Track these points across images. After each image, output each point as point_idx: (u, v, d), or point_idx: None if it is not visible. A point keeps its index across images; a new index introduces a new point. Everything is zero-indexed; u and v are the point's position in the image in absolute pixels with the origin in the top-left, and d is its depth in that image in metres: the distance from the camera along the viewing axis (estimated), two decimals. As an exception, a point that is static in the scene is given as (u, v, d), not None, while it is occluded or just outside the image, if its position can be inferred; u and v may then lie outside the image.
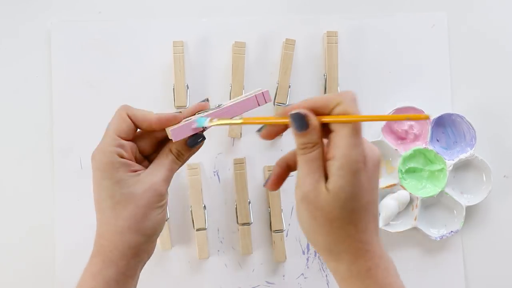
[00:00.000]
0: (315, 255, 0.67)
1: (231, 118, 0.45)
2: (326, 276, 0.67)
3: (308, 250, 0.67)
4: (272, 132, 0.45)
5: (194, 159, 0.66)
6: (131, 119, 0.46)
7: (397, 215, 0.67)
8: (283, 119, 0.42)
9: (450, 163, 0.66)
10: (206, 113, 0.45)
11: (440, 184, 0.66)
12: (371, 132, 0.68)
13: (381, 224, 0.66)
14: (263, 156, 0.67)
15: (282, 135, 0.44)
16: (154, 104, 0.67)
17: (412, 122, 0.67)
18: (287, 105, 0.38)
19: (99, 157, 0.45)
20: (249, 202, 0.66)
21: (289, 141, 0.68)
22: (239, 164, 0.65)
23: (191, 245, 0.66)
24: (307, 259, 0.67)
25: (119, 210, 0.44)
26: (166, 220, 0.65)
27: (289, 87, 0.66)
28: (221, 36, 0.68)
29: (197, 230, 0.65)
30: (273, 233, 0.65)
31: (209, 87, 0.68)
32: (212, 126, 0.45)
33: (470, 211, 0.67)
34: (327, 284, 0.67)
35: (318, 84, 0.68)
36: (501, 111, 0.70)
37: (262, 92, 0.45)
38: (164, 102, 0.67)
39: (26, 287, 0.66)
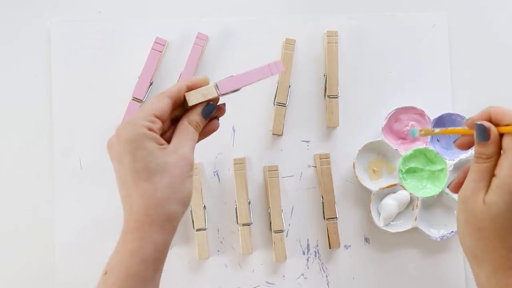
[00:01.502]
0: (315, 255, 0.67)
1: (433, 131, 0.54)
2: (326, 276, 0.67)
3: (308, 250, 0.67)
4: (465, 143, 0.49)
5: (194, 159, 0.66)
6: (171, 100, 0.47)
7: (398, 215, 0.67)
8: (470, 131, 0.46)
9: (450, 163, 0.66)
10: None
11: (440, 184, 0.66)
12: (371, 133, 0.68)
13: (381, 224, 0.66)
14: (263, 156, 0.68)
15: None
16: (154, 104, 0.67)
17: (413, 122, 0.67)
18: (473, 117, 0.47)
19: (131, 128, 0.45)
20: (249, 202, 0.66)
21: (289, 141, 0.68)
22: (239, 164, 0.65)
23: (191, 245, 0.66)
24: (307, 259, 0.67)
25: (156, 181, 0.44)
26: None
27: (289, 87, 0.66)
28: (221, 36, 0.68)
29: (197, 230, 0.65)
30: (273, 234, 0.65)
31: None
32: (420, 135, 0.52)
33: (470, 211, 0.67)
34: (327, 284, 0.67)
35: (318, 84, 0.68)
36: (501, 111, 0.70)
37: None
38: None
39: (26, 287, 0.66)
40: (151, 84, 0.66)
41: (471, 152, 0.66)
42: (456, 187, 0.49)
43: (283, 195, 0.66)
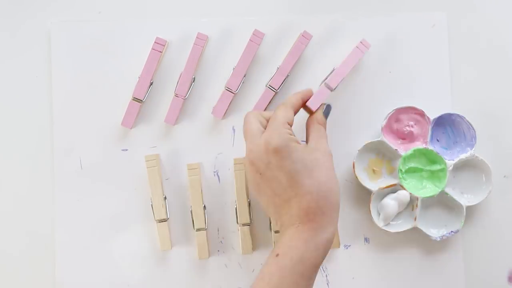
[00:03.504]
0: (315, 255, 0.67)
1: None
2: (326, 276, 0.67)
3: (308, 250, 0.67)
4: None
5: (194, 159, 0.67)
6: (294, 111, 0.56)
7: (397, 215, 0.67)
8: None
9: (450, 163, 0.66)
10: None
11: (440, 184, 0.66)
12: (371, 133, 0.68)
13: (381, 224, 0.66)
14: (263, 156, 0.67)
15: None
16: (155, 103, 0.67)
17: (412, 122, 0.67)
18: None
19: (278, 136, 0.51)
20: (249, 202, 0.66)
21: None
22: (239, 164, 0.65)
23: (191, 245, 0.66)
24: (307, 259, 0.67)
25: (317, 176, 0.50)
26: (166, 220, 0.65)
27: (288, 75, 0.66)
28: (221, 36, 0.68)
29: (197, 230, 0.65)
30: (273, 234, 0.65)
31: (210, 86, 0.68)
32: None
33: (470, 211, 0.67)
34: (327, 284, 0.67)
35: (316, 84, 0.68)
36: (501, 111, 0.70)
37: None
38: (164, 102, 0.67)
39: (26, 286, 0.66)
40: (151, 84, 0.66)
41: (471, 152, 0.66)
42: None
43: (283, 195, 0.66)
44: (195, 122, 0.68)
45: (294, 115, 0.56)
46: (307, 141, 0.55)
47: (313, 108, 0.58)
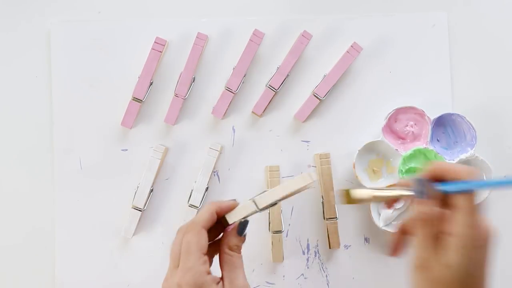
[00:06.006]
0: (315, 255, 0.67)
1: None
2: (326, 276, 0.67)
3: (308, 250, 0.67)
4: (398, 245, 0.47)
5: (194, 159, 0.67)
6: (206, 230, 0.46)
7: (398, 215, 0.67)
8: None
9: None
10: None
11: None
12: (371, 132, 0.68)
13: (381, 224, 0.66)
14: (263, 156, 0.67)
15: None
16: (155, 103, 0.67)
17: (412, 122, 0.67)
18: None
19: (193, 280, 0.44)
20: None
21: (289, 141, 0.68)
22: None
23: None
24: (307, 259, 0.67)
25: None
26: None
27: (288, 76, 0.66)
28: (221, 36, 0.68)
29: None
30: (271, 234, 0.65)
31: (210, 86, 0.68)
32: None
33: (470, 211, 0.67)
34: (327, 284, 0.67)
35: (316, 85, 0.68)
36: (501, 111, 0.70)
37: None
38: (164, 102, 0.67)
39: (26, 286, 0.66)
40: (151, 84, 0.66)
41: (471, 152, 0.66)
42: (395, 250, 0.46)
43: (283, 195, 0.66)
44: (195, 122, 0.68)
45: (210, 231, 0.47)
46: (222, 275, 0.47)
47: (231, 221, 0.47)
